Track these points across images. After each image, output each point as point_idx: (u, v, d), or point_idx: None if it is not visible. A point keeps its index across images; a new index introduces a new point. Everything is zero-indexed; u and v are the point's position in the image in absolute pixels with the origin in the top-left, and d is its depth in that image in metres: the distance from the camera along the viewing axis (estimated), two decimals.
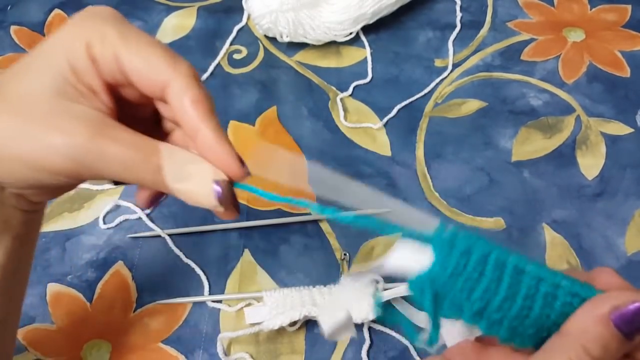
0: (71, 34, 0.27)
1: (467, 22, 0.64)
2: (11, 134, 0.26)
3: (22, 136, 0.25)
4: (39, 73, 0.26)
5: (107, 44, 0.26)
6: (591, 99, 0.58)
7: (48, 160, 0.26)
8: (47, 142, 0.25)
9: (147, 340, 0.45)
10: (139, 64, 0.27)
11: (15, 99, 0.26)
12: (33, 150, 0.25)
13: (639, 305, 0.24)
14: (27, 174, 0.26)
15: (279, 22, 0.59)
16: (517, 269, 0.24)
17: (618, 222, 0.50)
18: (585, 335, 0.24)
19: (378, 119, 0.57)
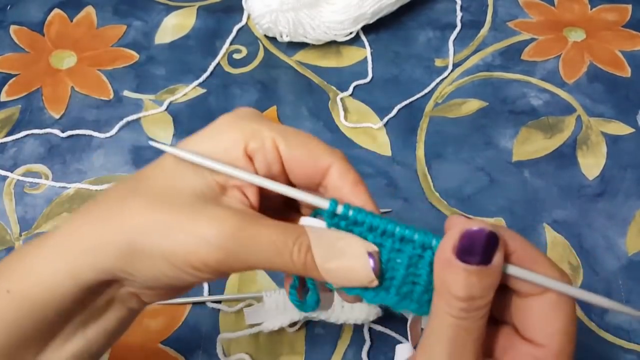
0: (228, 135, 0.27)
1: (468, 21, 0.64)
2: (156, 227, 0.25)
3: (169, 229, 0.25)
4: (188, 172, 0.27)
5: (267, 140, 0.27)
6: (592, 98, 0.58)
7: (195, 253, 0.25)
8: (196, 232, 0.25)
9: (147, 341, 0.45)
10: (300, 152, 0.27)
11: (161, 193, 0.26)
12: (180, 243, 0.25)
13: (469, 231, 0.24)
14: (166, 271, 0.25)
15: (279, 22, 0.59)
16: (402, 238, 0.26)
17: (619, 222, 0.50)
18: (446, 284, 0.24)
19: (378, 118, 0.57)
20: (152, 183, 0.27)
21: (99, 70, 0.61)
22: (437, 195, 0.52)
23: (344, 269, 0.26)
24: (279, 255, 0.25)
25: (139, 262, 0.25)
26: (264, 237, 0.25)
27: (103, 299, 0.28)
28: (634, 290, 0.47)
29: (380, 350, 0.44)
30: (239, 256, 0.25)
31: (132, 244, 0.25)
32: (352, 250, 0.26)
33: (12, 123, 0.57)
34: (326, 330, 0.45)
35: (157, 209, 0.25)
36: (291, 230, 0.26)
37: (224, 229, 0.25)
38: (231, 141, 0.27)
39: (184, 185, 0.26)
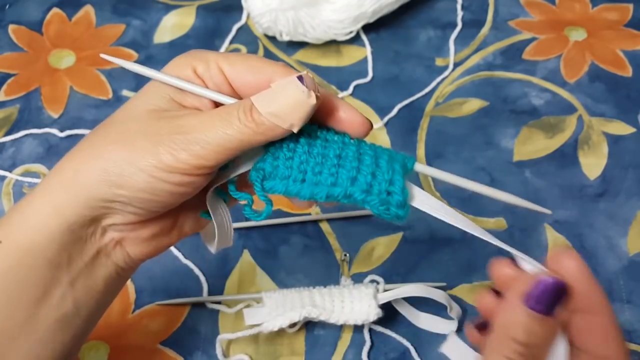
0: (178, 64, 0.30)
1: (468, 20, 0.64)
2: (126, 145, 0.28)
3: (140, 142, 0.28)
4: (145, 96, 0.30)
5: (211, 63, 0.30)
6: (593, 98, 0.57)
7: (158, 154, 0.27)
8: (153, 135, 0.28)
9: (146, 342, 0.45)
10: (243, 69, 0.30)
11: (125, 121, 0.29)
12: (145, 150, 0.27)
13: (543, 283, 0.25)
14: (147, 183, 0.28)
15: (278, 21, 0.59)
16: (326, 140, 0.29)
17: (620, 223, 0.50)
18: (508, 326, 0.25)
19: (379, 118, 0.57)
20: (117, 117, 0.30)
21: (97, 69, 0.61)
22: (438, 195, 0.52)
23: (285, 104, 0.27)
24: (229, 123, 0.27)
25: (120, 179, 0.27)
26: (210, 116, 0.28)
27: (89, 250, 0.29)
28: (635, 290, 0.47)
29: (381, 351, 0.44)
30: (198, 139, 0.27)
31: (107, 164, 0.28)
32: (282, 86, 0.28)
33: (11, 123, 0.57)
34: (326, 331, 0.45)
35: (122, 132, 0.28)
36: (234, 103, 0.29)
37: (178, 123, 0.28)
38: (181, 69, 0.30)
39: (143, 106, 0.29)
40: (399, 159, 0.30)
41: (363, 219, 0.50)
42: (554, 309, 0.25)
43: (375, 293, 0.44)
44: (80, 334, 0.31)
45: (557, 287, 0.25)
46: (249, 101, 0.28)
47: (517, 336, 0.25)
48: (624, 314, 0.46)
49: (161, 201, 0.29)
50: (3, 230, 0.29)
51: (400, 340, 0.44)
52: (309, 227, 0.50)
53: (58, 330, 0.29)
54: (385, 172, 0.29)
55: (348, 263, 0.48)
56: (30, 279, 0.28)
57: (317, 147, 0.29)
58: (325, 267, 0.48)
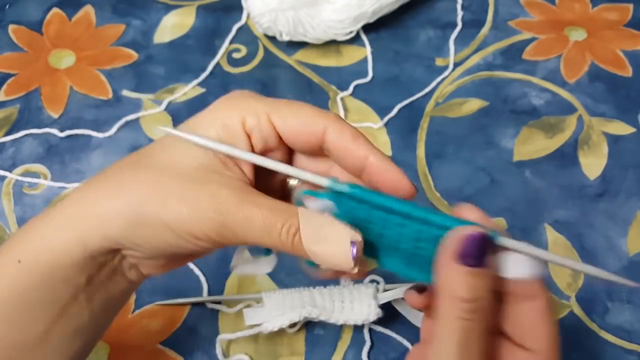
0: (226, 114, 0.29)
1: (468, 20, 0.64)
2: (159, 198, 0.27)
3: (172, 200, 0.27)
4: (189, 148, 0.28)
5: (262, 117, 0.29)
6: (593, 98, 0.57)
7: (195, 224, 0.27)
8: (198, 206, 0.26)
9: (146, 342, 0.45)
10: (294, 122, 0.29)
11: (165, 167, 0.28)
12: (182, 214, 0.27)
13: (468, 236, 0.26)
14: (169, 239, 0.27)
15: (278, 21, 0.59)
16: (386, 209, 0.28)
17: (620, 223, 0.50)
18: (450, 287, 0.26)
19: (379, 118, 0.57)
20: (156, 157, 0.28)
21: (97, 69, 0.61)
22: (437, 195, 0.52)
23: (327, 254, 0.27)
24: (269, 235, 0.27)
25: (144, 230, 0.27)
26: (256, 217, 0.27)
27: (106, 271, 0.29)
28: (635, 290, 0.47)
29: (381, 351, 0.44)
30: (234, 231, 0.27)
31: (137, 213, 0.27)
32: (336, 236, 0.27)
33: (11, 123, 0.57)
34: (326, 331, 0.45)
35: (160, 181, 0.27)
36: (282, 211, 0.27)
37: (222, 203, 0.27)
38: (229, 119, 0.29)
39: (186, 159, 0.28)
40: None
41: None
42: (485, 260, 0.26)
43: (375, 293, 0.44)
44: (91, 341, 0.32)
45: (481, 238, 0.26)
46: (297, 223, 0.27)
47: (463, 294, 0.25)
48: (624, 314, 0.46)
49: (181, 253, 0.29)
50: (21, 249, 0.29)
51: (400, 340, 0.44)
52: None
53: (72, 339, 0.30)
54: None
55: None
56: (50, 298, 0.28)
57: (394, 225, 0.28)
58: None
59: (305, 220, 0.27)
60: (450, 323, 0.26)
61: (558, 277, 0.47)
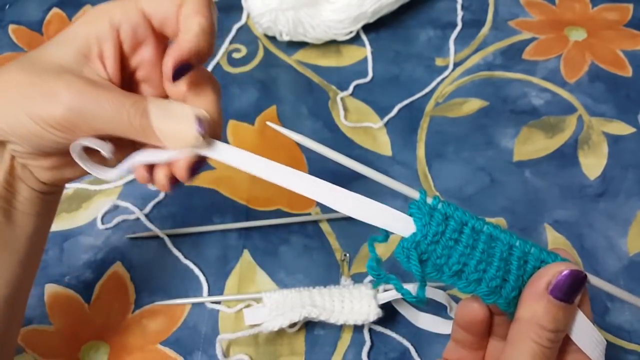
0: (94, 16, 0.31)
1: (468, 20, 0.64)
2: (20, 86, 0.29)
3: (30, 87, 0.29)
4: (61, 44, 0.31)
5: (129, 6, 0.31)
6: (593, 98, 0.57)
7: (46, 109, 0.28)
8: (49, 91, 0.29)
9: (146, 342, 0.45)
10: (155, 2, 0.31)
11: (32, 63, 0.30)
12: (35, 99, 0.29)
13: (565, 274, 0.27)
14: (27, 125, 0.29)
15: (278, 21, 0.59)
16: (491, 236, 0.28)
17: (620, 223, 0.50)
18: (536, 315, 0.27)
19: (379, 118, 0.57)
20: (31, 55, 0.31)
21: None
22: (437, 195, 0.52)
23: (174, 129, 0.29)
24: (117, 116, 0.28)
25: (11, 120, 0.29)
26: (104, 98, 0.29)
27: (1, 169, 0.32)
28: (635, 290, 0.47)
29: (380, 351, 0.44)
30: (83, 115, 0.29)
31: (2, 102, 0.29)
32: (182, 112, 0.29)
33: None
34: (326, 331, 0.45)
35: (23, 73, 0.29)
36: (132, 95, 0.29)
37: (75, 87, 0.29)
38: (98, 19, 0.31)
39: (53, 57, 0.30)
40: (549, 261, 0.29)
41: None
42: (574, 297, 0.28)
43: (375, 293, 0.44)
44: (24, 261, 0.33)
45: (577, 276, 0.27)
46: (144, 103, 0.29)
47: (546, 324, 0.27)
48: (624, 314, 0.46)
49: (51, 145, 0.30)
50: None
51: (400, 340, 0.44)
52: (309, 227, 0.50)
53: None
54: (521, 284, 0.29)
55: (348, 263, 0.48)
56: None
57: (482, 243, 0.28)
58: (325, 267, 0.48)
59: (152, 101, 0.29)
60: (528, 347, 0.27)
61: None
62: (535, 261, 0.28)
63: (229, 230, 0.50)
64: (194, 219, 0.50)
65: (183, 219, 0.51)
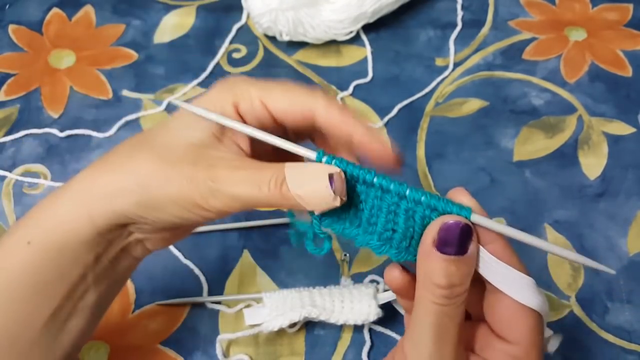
0: (219, 98, 0.31)
1: (468, 20, 0.64)
2: (162, 175, 0.29)
3: (173, 176, 0.29)
4: (188, 128, 0.31)
5: (254, 100, 0.31)
6: (593, 98, 0.57)
7: (197, 195, 0.29)
8: (195, 175, 0.29)
9: (146, 342, 0.45)
10: (285, 102, 0.31)
11: (166, 146, 0.30)
12: (183, 187, 0.29)
13: (448, 225, 0.27)
14: (174, 211, 0.29)
15: (278, 21, 0.59)
16: (382, 188, 0.29)
17: (620, 223, 0.50)
18: (428, 274, 0.27)
19: (379, 118, 0.57)
20: (157, 138, 0.31)
21: (97, 69, 0.61)
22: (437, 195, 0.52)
23: (310, 192, 0.28)
24: (259, 188, 0.28)
25: (150, 206, 0.29)
26: (247, 173, 0.29)
27: (114, 249, 0.31)
28: (635, 290, 0.47)
29: (381, 351, 0.44)
30: (227, 192, 0.29)
31: (143, 187, 0.29)
32: (315, 174, 0.29)
33: (11, 123, 0.57)
34: (326, 331, 0.45)
35: (163, 158, 0.29)
36: (269, 166, 0.29)
37: (215, 172, 0.29)
38: (223, 101, 0.31)
39: (184, 138, 0.30)
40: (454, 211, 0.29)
41: None
42: (465, 248, 0.27)
43: (375, 293, 0.44)
44: (95, 320, 0.34)
45: (461, 227, 0.27)
46: (282, 174, 0.29)
47: (439, 281, 0.27)
48: (624, 314, 0.46)
49: (185, 224, 0.31)
50: (30, 230, 0.30)
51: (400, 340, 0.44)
52: None
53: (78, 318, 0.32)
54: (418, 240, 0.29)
55: (348, 263, 0.48)
56: (59, 278, 0.30)
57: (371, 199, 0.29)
58: (325, 267, 0.48)
59: (290, 170, 0.29)
60: (426, 307, 0.27)
61: (558, 277, 0.47)
62: (425, 210, 0.28)
63: (229, 230, 0.50)
64: None
65: None
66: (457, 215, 0.27)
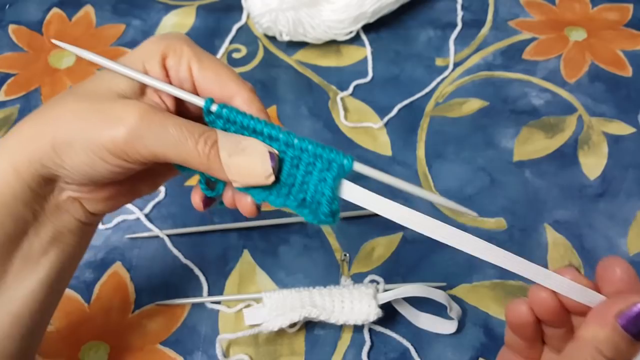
0: (149, 47, 0.31)
1: (468, 20, 0.64)
2: (76, 116, 0.28)
3: (87, 115, 0.28)
4: (114, 78, 0.30)
5: (183, 58, 0.31)
6: (593, 98, 0.57)
7: (107, 136, 0.27)
8: (109, 115, 0.28)
9: (146, 342, 0.45)
10: (211, 77, 0.31)
11: (87, 92, 0.29)
12: (94, 127, 0.28)
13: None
14: (88, 158, 0.28)
15: (278, 21, 0.59)
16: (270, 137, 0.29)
17: (620, 223, 0.50)
18: (598, 339, 0.26)
19: (379, 118, 0.57)
20: (84, 86, 0.30)
21: (97, 69, 0.61)
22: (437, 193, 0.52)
23: (245, 164, 0.28)
24: (185, 144, 0.28)
25: (64, 150, 0.28)
26: (172, 124, 0.28)
27: (50, 206, 0.30)
28: None
29: (381, 351, 0.44)
30: (147, 140, 0.28)
31: (59, 134, 0.28)
32: (254, 148, 0.28)
33: (11, 123, 0.57)
34: (326, 331, 0.45)
35: (80, 101, 0.29)
36: (200, 126, 0.28)
37: (138, 113, 0.28)
38: (150, 52, 0.30)
39: (108, 85, 0.30)
40: (337, 161, 0.29)
41: (363, 219, 0.50)
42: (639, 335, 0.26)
43: (375, 293, 0.44)
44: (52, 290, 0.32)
45: None
46: (214, 135, 0.28)
47: (605, 351, 0.26)
48: None
49: (102, 175, 0.30)
50: None
51: (400, 340, 0.44)
52: (309, 227, 0.50)
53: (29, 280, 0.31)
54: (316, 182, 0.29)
55: (348, 263, 0.48)
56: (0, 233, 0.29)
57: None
58: (325, 267, 0.48)
59: (222, 134, 0.28)
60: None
61: None
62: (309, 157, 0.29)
63: (229, 230, 0.50)
64: (194, 219, 0.50)
65: (183, 219, 0.51)
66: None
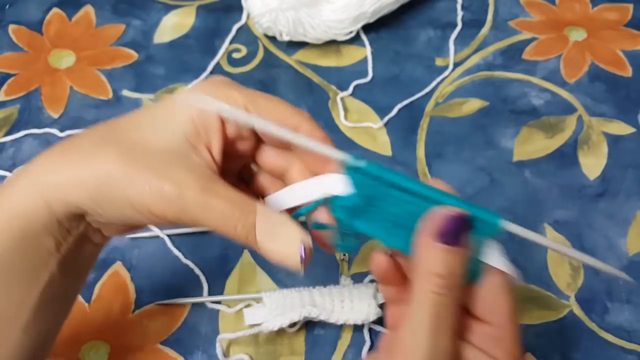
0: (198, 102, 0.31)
1: (468, 20, 0.64)
2: (125, 178, 0.28)
3: (136, 181, 0.28)
4: (162, 128, 0.30)
5: (238, 103, 0.30)
6: (593, 98, 0.57)
7: (157, 206, 0.28)
8: (160, 190, 0.28)
9: (146, 342, 0.45)
10: (270, 116, 0.30)
11: (135, 145, 0.29)
12: (144, 195, 0.28)
13: (447, 217, 0.28)
14: (131, 214, 0.29)
15: (278, 21, 0.59)
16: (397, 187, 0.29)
17: (620, 223, 0.50)
18: (427, 263, 0.28)
19: (379, 118, 0.57)
20: (127, 134, 0.29)
21: (97, 69, 0.61)
22: None
23: (278, 252, 0.29)
24: (225, 226, 0.28)
25: (106, 202, 0.28)
26: (216, 207, 0.28)
27: (73, 237, 0.30)
28: (635, 290, 0.47)
29: None
30: (192, 216, 0.28)
31: (102, 184, 0.28)
32: (288, 236, 0.29)
33: (11, 123, 0.57)
34: (326, 331, 0.45)
35: (128, 157, 0.28)
36: (241, 205, 0.29)
37: (184, 191, 0.28)
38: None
39: (156, 139, 0.29)
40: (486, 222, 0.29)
41: None
42: (461, 239, 0.28)
43: (375, 293, 0.44)
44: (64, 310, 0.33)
45: (460, 219, 0.28)
46: (252, 218, 0.29)
47: (439, 270, 0.27)
48: (624, 313, 0.46)
49: (137, 225, 0.31)
50: None
51: None
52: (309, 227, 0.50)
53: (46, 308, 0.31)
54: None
55: (348, 263, 0.48)
56: (23, 264, 0.29)
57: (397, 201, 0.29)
58: (325, 267, 0.48)
59: (261, 218, 0.29)
60: (425, 297, 0.27)
61: (558, 277, 0.47)
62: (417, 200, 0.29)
63: None
64: None
65: None
66: (453, 207, 0.28)
